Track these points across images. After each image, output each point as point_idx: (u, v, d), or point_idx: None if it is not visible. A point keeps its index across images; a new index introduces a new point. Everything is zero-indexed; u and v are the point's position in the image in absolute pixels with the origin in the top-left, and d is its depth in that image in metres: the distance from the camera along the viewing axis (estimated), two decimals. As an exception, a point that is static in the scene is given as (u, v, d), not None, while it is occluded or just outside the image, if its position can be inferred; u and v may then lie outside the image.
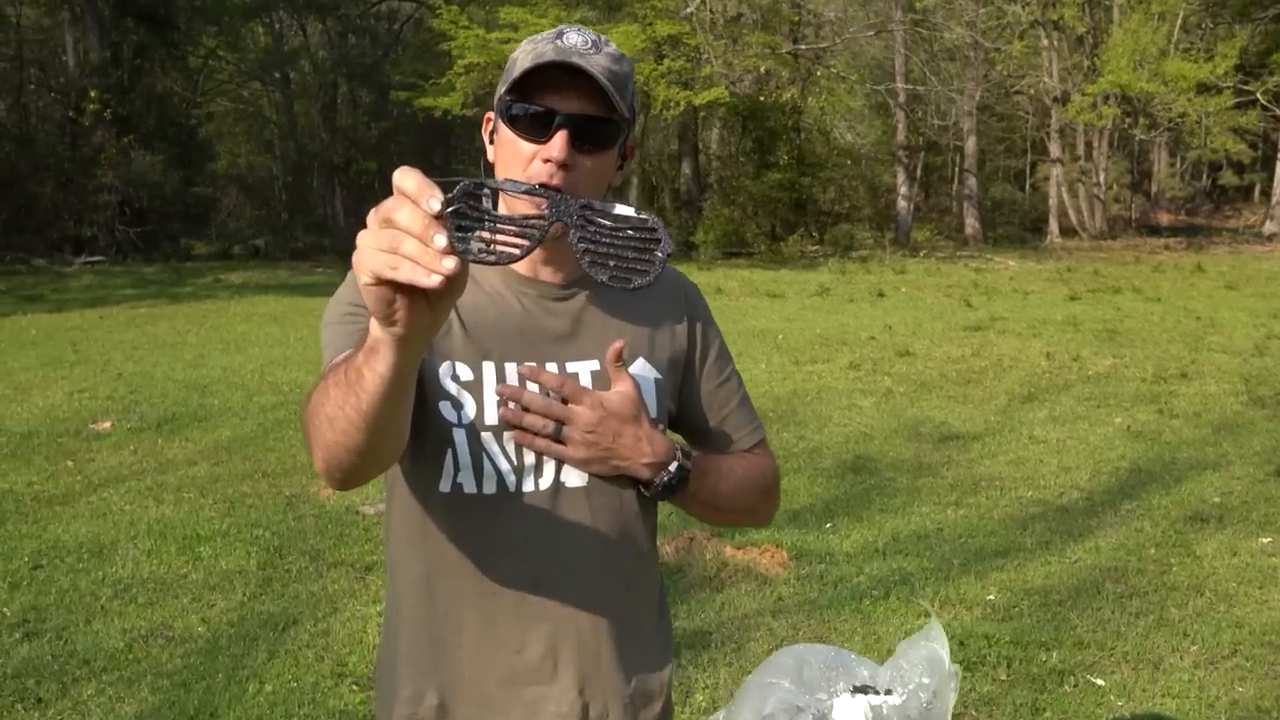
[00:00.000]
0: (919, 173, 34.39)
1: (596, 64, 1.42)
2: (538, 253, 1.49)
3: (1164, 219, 37.31)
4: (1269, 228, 29.45)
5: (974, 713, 3.69)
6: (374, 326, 1.07)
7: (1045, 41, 30.50)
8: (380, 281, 0.98)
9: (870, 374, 10.21)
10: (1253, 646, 4.22)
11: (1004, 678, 3.93)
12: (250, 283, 20.06)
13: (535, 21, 22.85)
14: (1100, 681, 3.92)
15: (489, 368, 1.48)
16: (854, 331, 13.09)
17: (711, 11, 25.22)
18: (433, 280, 0.95)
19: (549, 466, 1.49)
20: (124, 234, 23.54)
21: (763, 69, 26.62)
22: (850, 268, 22.87)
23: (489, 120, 1.53)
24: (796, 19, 28.53)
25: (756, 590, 4.76)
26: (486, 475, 1.47)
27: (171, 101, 28.83)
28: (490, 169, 1.53)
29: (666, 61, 24.16)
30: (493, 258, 1.01)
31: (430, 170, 1.04)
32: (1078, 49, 30.97)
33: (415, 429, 1.45)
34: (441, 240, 0.95)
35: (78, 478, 6.56)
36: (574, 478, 1.51)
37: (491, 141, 1.53)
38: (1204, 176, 41.39)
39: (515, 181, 1.26)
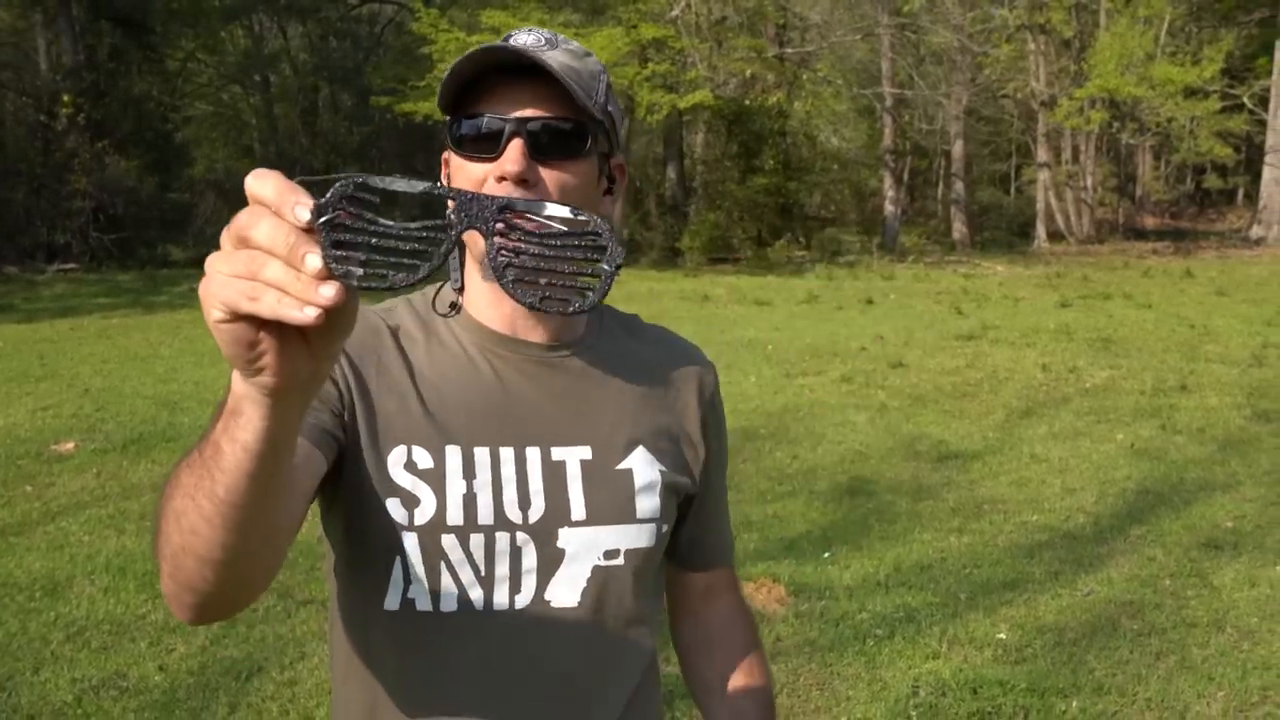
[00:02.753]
0: (906, 177, 34.23)
1: (552, 59, 1.13)
2: (513, 306, 1.21)
3: (1149, 222, 37.22)
4: (1256, 231, 29.35)
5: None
6: (235, 381, 0.78)
7: (1032, 45, 30.36)
8: (236, 317, 0.71)
9: (863, 387, 9.95)
10: (1284, 693, 3.96)
11: (1024, 733, 3.66)
12: (228, 291, 19.67)
13: (517, 25, 22.40)
14: (1126, 736, 3.65)
15: (454, 453, 1.18)
16: (844, 341, 12.84)
17: (696, 15, 24.97)
18: (307, 314, 0.68)
19: (529, 580, 1.20)
20: (98, 241, 23.11)
21: (748, 72, 26.41)
22: (838, 273, 22.65)
23: (446, 163, 1.23)
24: (782, 22, 28.34)
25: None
26: (445, 590, 1.18)
27: (148, 105, 28.35)
28: None
29: (651, 65, 23.90)
30: (385, 280, 0.71)
31: (409, 172, 0.74)
32: (1065, 53, 30.83)
33: (353, 532, 1.17)
34: (315, 261, 0.68)
35: (35, 504, 6.23)
36: (562, 595, 1.21)
37: (448, 178, 1.22)
38: (1188, 180, 41.33)
39: (408, 179, 0.94)
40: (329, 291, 0.68)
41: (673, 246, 25.62)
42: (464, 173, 1.16)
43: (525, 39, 1.16)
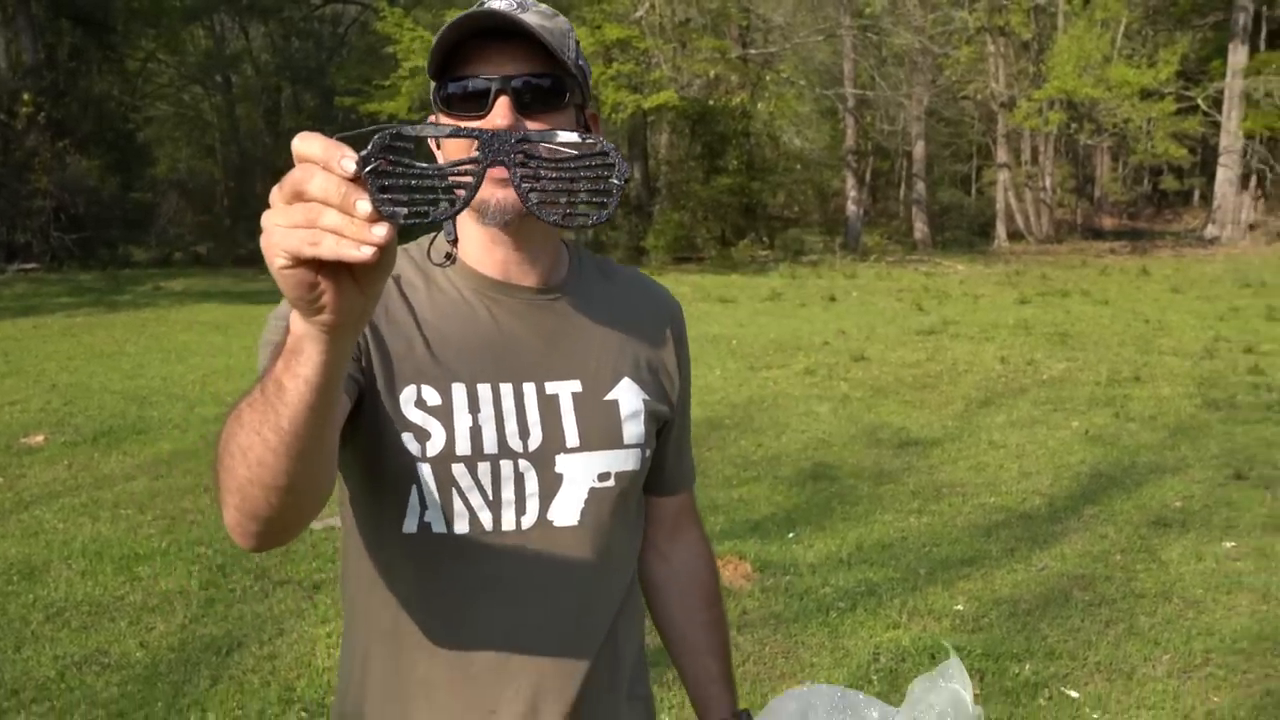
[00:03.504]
0: (868, 177, 34.56)
1: (527, 20, 1.24)
2: (507, 248, 1.33)
3: (1107, 223, 37.76)
4: (1210, 231, 29.88)
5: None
6: (295, 323, 0.89)
7: (992, 47, 30.75)
8: (299, 263, 0.81)
9: (826, 379, 10.13)
10: (1224, 655, 4.14)
11: (978, 690, 3.82)
12: (192, 290, 19.62)
13: (483, 24, 22.65)
14: (1074, 694, 3.82)
15: (459, 390, 1.30)
16: (808, 336, 13.03)
17: (660, 15, 25.12)
18: (364, 253, 0.79)
19: (532, 502, 1.32)
20: (59, 240, 22.96)
21: (712, 73, 26.56)
22: (801, 272, 22.87)
23: (433, 142, 1.33)
24: (745, 23, 28.54)
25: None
26: (457, 514, 1.29)
27: (108, 105, 28.17)
28: None
29: (615, 65, 24.03)
30: (427, 215, 0.83)
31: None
32: (1024, 55, 31.24)
33: (374, 464, 1.28)
34: (365, 206, 0.78)
35: (8, 494, 6.28)
36: (563, 515, 1.34)
37: (439, 148, 1.33)
38: (1145, 181, 41.93)
39: (437, 125, 1.05)
40: (381, 231, 0.79)
41: (637, 246, 25.76)
42: (455, 140, 1.25)
43: (499, 3, 1.26)
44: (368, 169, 0.80)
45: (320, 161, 0.79)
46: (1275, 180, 30.95)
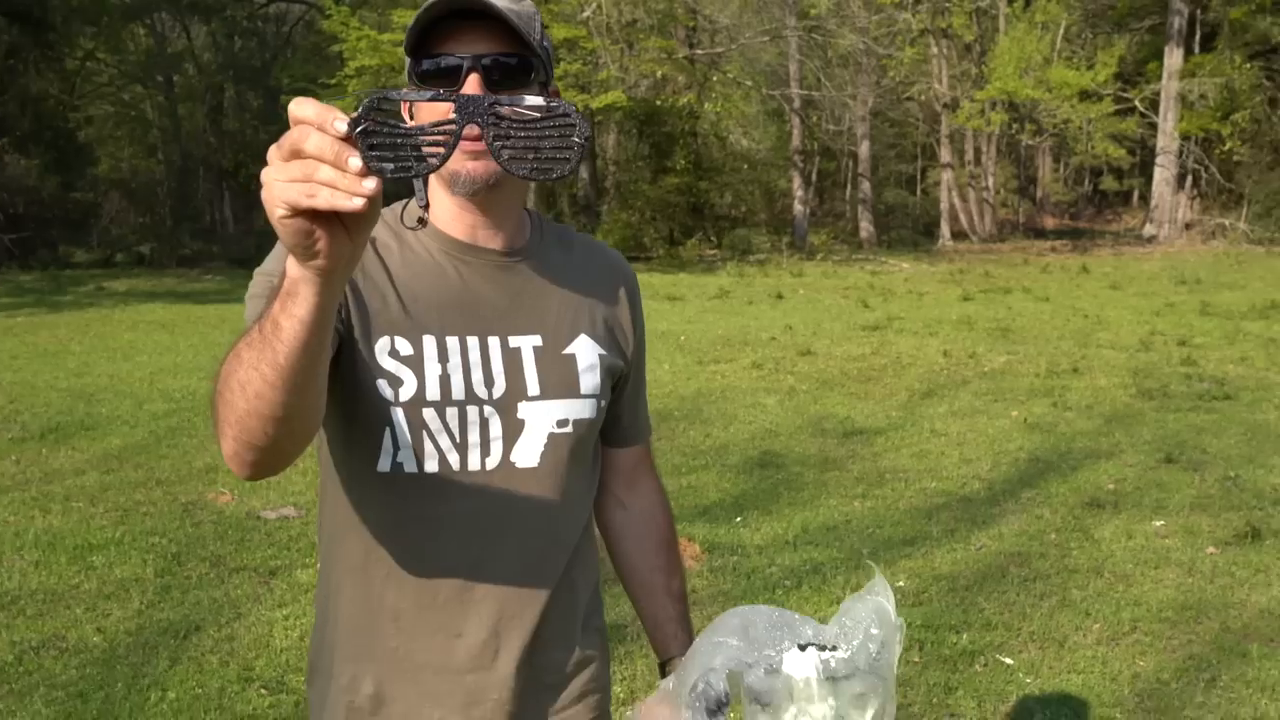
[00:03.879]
0: (814, 177, 34.90)
1: (497, 3, 1.34)
2: (475, 214, 1.44)
3: (1049, 222, 38.36)
4: (1148, 230, 30.49)
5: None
6: (291, 267, 0.99)
7: (935, 49, 31.20)
8: (297, 213, 0.91)
9: (773, 373, 10.29)
10: (1151, 623, 4.34)
11: (917, 660, 3.97)
12: (136, 290, 19.45)
13: (430, 24, 22.60)
14: (1009, 661, 3.99)
15: (430, 342, 1.40)
16: (755, 332, 13.20)
17: (607, 16, 25.22)
18: (355, 203, 0.89)
19: (496, 445, 1.43)
20: (-1, 240, 22.67)
21: (659, 73, 26.72)
22: (748, 271, 23.08)
23: (405, 106, 1.45)
24: (692, 24, 28.72)
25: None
26: (427, 454, 1.40)
27: (47, 104, 27.81)
28: None
29: (563, 65, 24.10)
30: (411, 170, 0.94)
31: None
32: (966, 56, 31.74)
33: (350, 408, 1.39)
34: (356, 162, 0.89)
35: (-42, 488, 6.27)
36: (525, 457, 1.45)
37: (411, 117, 1.44)
38: (1086, 181, 42.66)
39: (419, 90, 1.16)
40: (370, 184, 0.89)
41: (586, 245, 25.82)
42: (429, 110, 1.36)
43: None
44: (358, 130, 0.91)
45: (315, 123, 0.90)
46: (1210, 180, 31.63)
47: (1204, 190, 32.51)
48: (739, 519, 5.73)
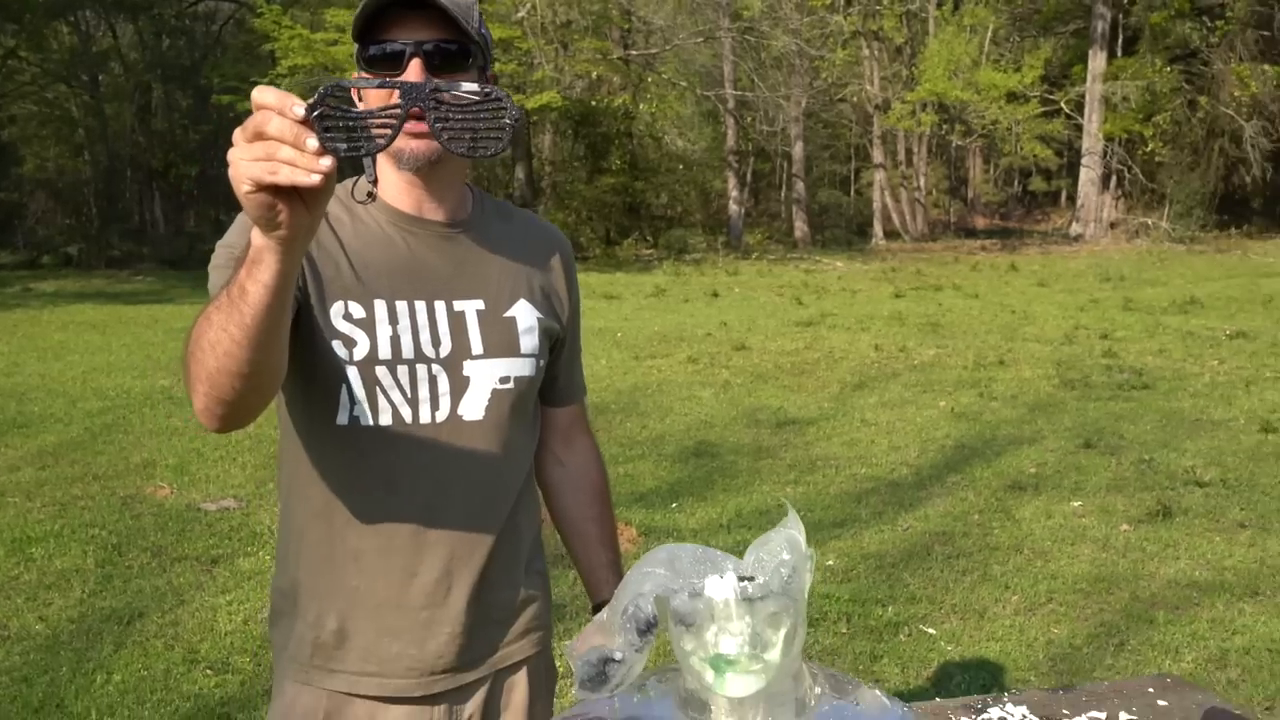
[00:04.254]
0: (749, 178, 35.21)
1: None
2: (421, 189, 1.56)
3: (980, 222, 39.04)
4: (1075, 229, 31.16)
5: (818, 663, 3.88)
6: (256, 237, 1.11)
7: (866, 51, 31.64)
8: (261, 188, 1.03)
9: (708, 367, 10.46)
10: (1065, 594, 4.55)
11: (844, 631, 4.14)
12: (64, 291, 19.17)
13: (362, 23, 22.49)
14: (932, 631, 4.17)
15: (381, 305, 1.52)
16: (691, 329, 13.36)
17: (542, 17, 25.29)
18: (313, 179, 1.00)
19: (444, 400, 1.55)
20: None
21: (594, 74, 26.83)
22: (684, 270, 23.27)
23: (355, 92, 1.55)
24: (627, 25, 28.87)
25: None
26: (381, 409, 1.52)
27: (-34, 103, 27.24)
28: None
29: (498, 65, 24.09)
30: (361, 149, 1.06)
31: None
32: (897, 58, 32.22)
33: (309, 368, 1.50)
34: (313, 142, 1.00)
35: (-109, 485, 6.22)
36: (470, 411, 1.57)
37: (361, 100, 1.55)
38: (1015, 182, 43.44)
39: (366, 78, 1.28)
40: (326, 162, 1.01)
41: (523, 245, 25.84)
42: (374, 91, 1.47)
43: None
44: (314, 114, 1.03)
45: (275, 108, 1.02)
46: (1134, 181, 32.38)
47: (1128, 190, 33.25)
48: (675, 505, 5.87)
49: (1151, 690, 1.72)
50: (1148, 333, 12.54)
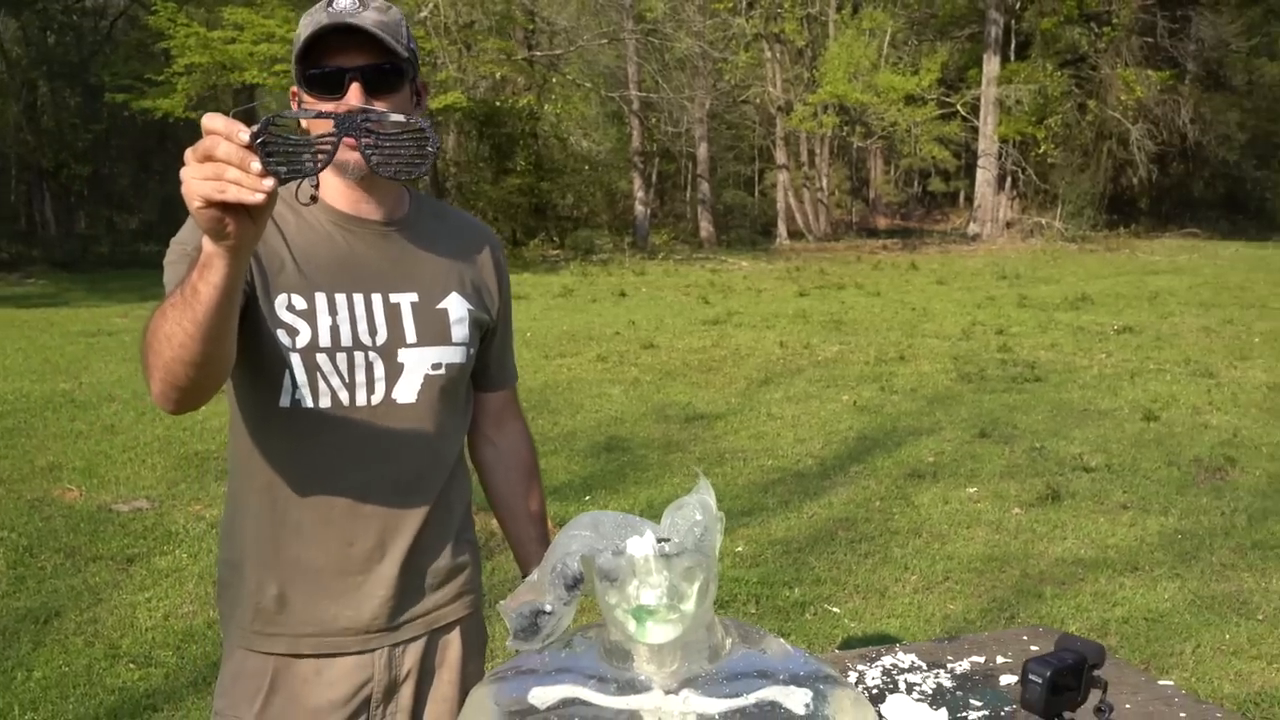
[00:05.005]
0: (654, 179, 35.46)
1: (367, 19, 1.59)
2: (359, 192, 1.70)
3: (881, 222, 39.82)
4: (972, 229, 31.98)
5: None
6: (206, 245, 1.24)
7: (768, 53, 32.09)
8: (210, 204, 1.16)
9: (617, 365, 10.62)
10: (961, 573, 4.80)
11: (753, 611, 4.33)
12: (-52, 295, 18.64)
13: (262, 23, 22.20)
14: (836, 609, 4.37)
15: (320, 298, 1.65)
16: (599, 328, 13.51)
17: (445, 17, 25.22)
18: (257, 198, 1.15)
19: (380, 385, 1.68)
20: None
21: (498, 75, 26.82)
22: (592, 270, 23.39)
23: (294, 94, 1.68)
24: (531, 26, 28.90)
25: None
26: (321, 392, 1.65)
27: None
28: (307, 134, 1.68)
29: (403, 66, 23.97)
30: (299, 172, 1.21)
31: (146, 173, 1.22)
32: (798, 61, 32.71)
33: (255, 354, 1.62)
34: (257, 165, 1.15)
35: None
36: (404, 394, 1.70)
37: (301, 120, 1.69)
38: (915, 183, 44.38)
39: (305, 110, 1.45)
40: (269, 183, 1.16)
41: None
42: (316, 108, 1.61)
43: (343, 3, 1.62)
44: (258, 140, 1.18)
45: (223, 133, 1.16)
46: (1028, 182, 33.32)
47: (1022, 191, 34.18)
48: (588, 498, 6.01)
49: (1025, 638, 1.90)
50: (1040, 328, 13.01)
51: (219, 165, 1.15)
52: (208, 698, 3.46)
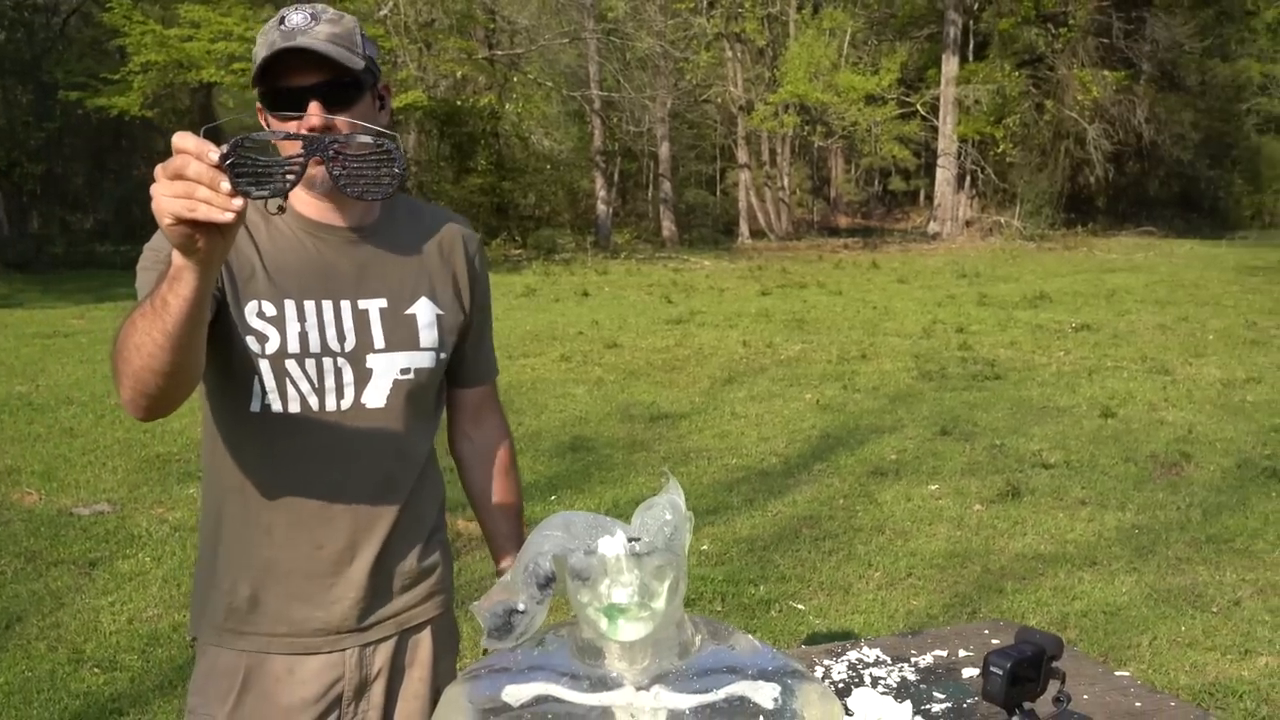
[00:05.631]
0: (616, 178, 35.48)
1: (320, 35, 1.61)
2: (328, 203, 1.72)
3: (843, 221, 40.01)
4: (932, 228, 32.23)
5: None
6: (176, 258, 1.26)
7: (729, 53, 32.20)
8: (180, 222, 1.18)
9: (581, 365, 10.64)
10: (923, 569, 4.86)
11: (720, 609, 4.36)
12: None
13: (219, 20, 21.99)
14: (801, 606, 4.42)
15: (290, 304, 1.66)
16: (563, 327, 13.52)
17: (405, 16, 25.12)
18: (227, 217, 1.17)
19: (349, 390, 1.70)
20: None
21: (459, 74, 26.75)
22: (554, 270, 23.37)
23: (261, 111, 1.70)
24: (491, 25, 28.84)
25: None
26: (290, 397, 1.66)
27: None
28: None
29: (363, 65, 23.83)
30: (267, 192, 1.24)
31: (101, 172, 1.25)
32: (759, 61, 32.85)
33: (225, 360, 1.64)
34: (227, 185, 1.17)
35: None
36: (373, 399, 1.72)
37: (267, 125, 1.70)
38: (876, 182, 44.64)
39: (274, 131, 1.47)
40: (238, 202, 1.18)
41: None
42: (279, 127, 1.64)
43: (295, 20, 1.64)
44: (228, 161, 1.20)
45: (193, 153, 1.18)
46: (987, 181, 33.63)
47: (981, 190, 34.50)
48: (553, 498, 6.03)
49: (986, 631, 1.95)
50: (1000, 326, 13.15)
51: (189, 184, 1.17)
52: (174, 701, 3.45)
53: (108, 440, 7.40)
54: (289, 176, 1.25)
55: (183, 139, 1.18)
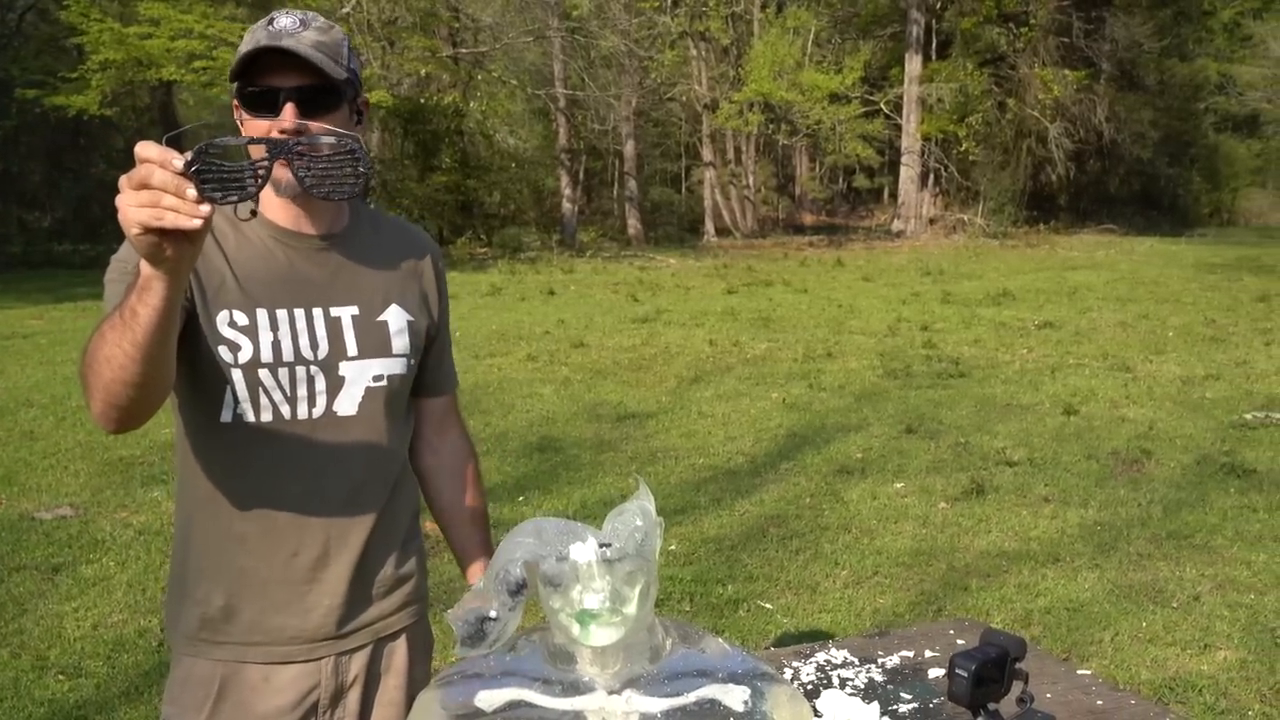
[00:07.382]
0: (582, 176, 35.46)
1: (306, 40, 1.60)
2: (298, 209, 1.72)
3: (808, 219, 40.17)
4: (896, 226, 32.43)
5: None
6: (145, 268, 1.26)
7: (694, 51, 32.26)
8: (147, 230, 1.18)
9: (548, 364, 10.63)
10: (890, 567, 4.90)
11: (688, 609, 4.38)
12: None
13: (179, 18, 21.79)
14: (769, 605, 4.44)
15: (262, 313, 1.66)
16: (529, 327, 13.50)
17: (368, 14, 24.99)
18: (194, 224, 1.17)
19: (321, 398, 1.70)
20: None
21: (423, 72, 26.65)
22: (520, 268, 23.33)
23: (236, 107, 1.69)
24: (455, 23, 28.74)
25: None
26: (263, 406, 1.66)
27: None
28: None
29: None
30: (235, 197, 1.24)
31: (59, 171, 1.25)
32: (724, 59, 32.93)
33: (196, 370, 1.64)
34: (193, 192, 1.17)
35: None
36: (345, 407, 1.72)
37: (241, 123, 1.70)
38: (840, 180, 44.85)
39: (236, 137, 1.47)
40: (205, 209, 1.18)
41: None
42: (253, 125, 1.64)
43: (284, 22, 1.64)
44: (193, 168, 1.20)
45: (157, 162, 1.18)
46: (950, 179, 33.86)
47: (945, 188, 34.72)
48: (521, 498, 6.03)
49: (951, 632, 1.98)
50: (964, 324, 13.26)
51: (155, 193, 1.16)
52: (140, 707, 3.43)
53: (69, 443, 7.33)
54: (255, 180, 1.26)
55: (145, 148, 1.18)
